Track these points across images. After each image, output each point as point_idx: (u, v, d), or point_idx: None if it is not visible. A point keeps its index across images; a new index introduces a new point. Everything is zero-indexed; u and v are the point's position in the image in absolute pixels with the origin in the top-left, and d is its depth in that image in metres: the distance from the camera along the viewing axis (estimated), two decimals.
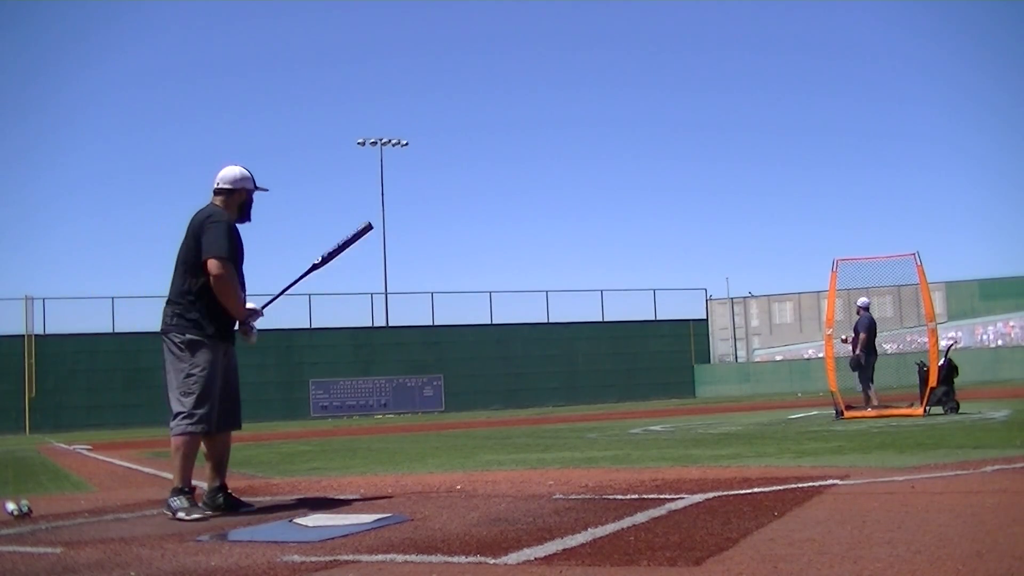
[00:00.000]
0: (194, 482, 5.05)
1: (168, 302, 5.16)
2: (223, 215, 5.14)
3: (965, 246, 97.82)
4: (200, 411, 4.95)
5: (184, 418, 4.95)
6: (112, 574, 3.40)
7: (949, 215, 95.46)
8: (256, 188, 5.37)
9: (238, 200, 5.26)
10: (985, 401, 15.98)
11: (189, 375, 4.99)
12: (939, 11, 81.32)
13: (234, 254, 5.09)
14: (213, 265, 4.97)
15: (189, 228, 5.12)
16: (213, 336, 5.07)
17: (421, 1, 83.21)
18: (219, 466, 5.22)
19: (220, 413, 5.12)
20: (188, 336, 5.04)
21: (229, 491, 5.25)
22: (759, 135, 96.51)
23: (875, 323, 14.48)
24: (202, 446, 5.13)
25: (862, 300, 14.60)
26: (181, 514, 4.84)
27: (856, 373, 14.06)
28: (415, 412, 37.82)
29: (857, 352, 13.98)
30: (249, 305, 5.21)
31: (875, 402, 13.57)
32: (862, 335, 14.03)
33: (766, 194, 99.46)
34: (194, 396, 4.96)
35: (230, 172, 5.29)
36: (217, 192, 5.27)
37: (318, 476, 7.49)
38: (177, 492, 4.95)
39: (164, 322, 5.14)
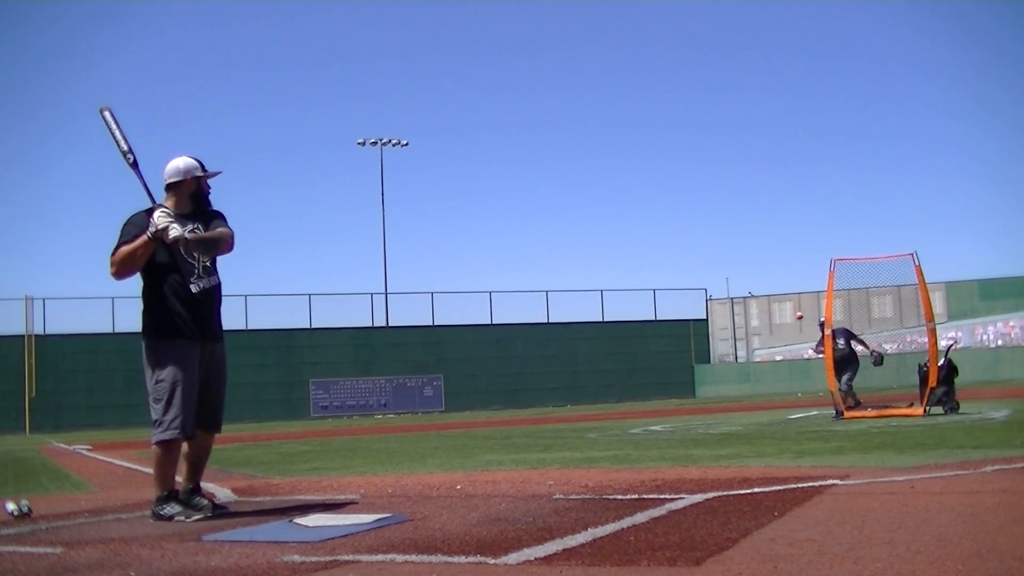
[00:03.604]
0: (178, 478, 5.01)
1: None
2: (129, 219, 5.00)
3: (965, 246, 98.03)
4: (169, 416, 4.81)
5: (157, 425, 4.85)
6: (112, 574, 3.40)
7: (949, 215, 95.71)
8: (206, 174, 5.16)
9: (187, 191, 5.07)
10: (985, 401, 15.97)
11: (159, 381, 4.87)
12: (939, 11, 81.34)
13: (124, 242, 4.90)
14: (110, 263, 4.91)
15: None
16: (178, 336, 4.91)
17: (421, 1, 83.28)
18: (195, 468, 5.12)
19: (200, 413, 4.99)
20: (152, 340, 4.95)
21: (202, 493, 5.13)
22: (759, 135, 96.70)
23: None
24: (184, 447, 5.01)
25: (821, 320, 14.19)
26: (179, 517, 4.78)
27: (847, 375, 13.77)
28: (415, 412, 37.81)
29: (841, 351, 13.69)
30: (155, 228, 4.76)
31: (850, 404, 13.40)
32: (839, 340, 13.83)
33: (766, 194, 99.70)
34: (163, 402, 4.83)
35: (173, 165, 5.10)
36: (166, 188, 5.09)
37: (318, 476, 7.49)
38: (164, 499, 4.86)
39: None
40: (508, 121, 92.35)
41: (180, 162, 5.11)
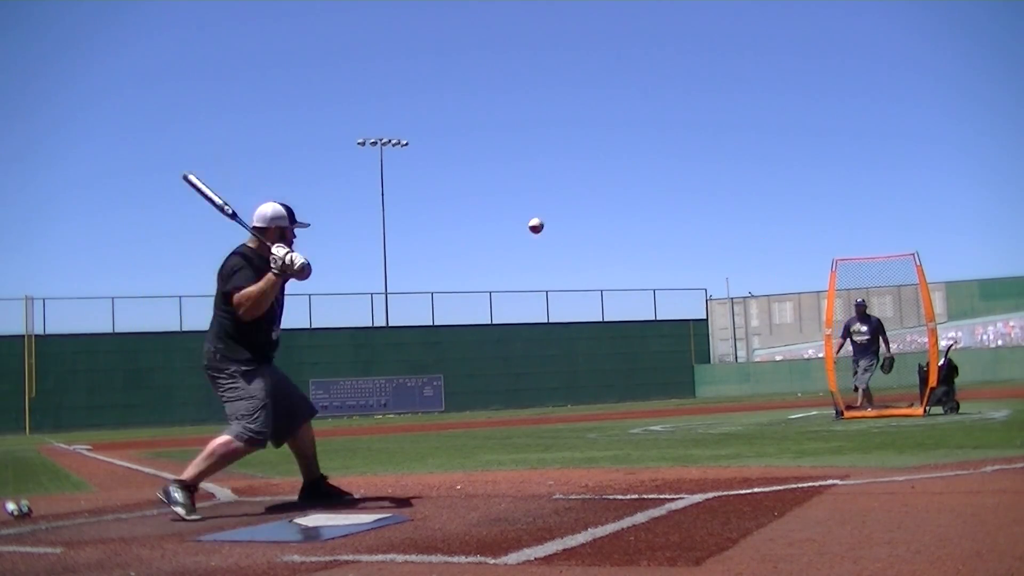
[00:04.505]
0: (207, 485, 5.08)
1: (209, 339, 5.25)
2: (231, 258, 5.21)
3: (965, 246, 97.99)
4: (259, 427, 5.06)
5: (248, 429, 5.05)
6: (112, 574, 3.40)
7: (949, 215, 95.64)
8: (295, 223, 5.33)
9: (271, 237, 5.21)
10: (985, 401, 15.97)
11: (252, 396, 5.11)
12: (939, 11, 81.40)
13: (244, 284, 5.09)
14: (234, 301, 5.08)
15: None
16: (262, 363, 5.25)
17: (420, 1, 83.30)
18: (310, 462, 5.51)
19: (287, 414, 5.34)
20: (240, 367, 5.16)
21: (328, 480, 5.54)
22: (759, 135, 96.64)
23: None
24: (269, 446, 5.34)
25: (861, 300, 14.19)
26: (179, 510, 4.83)
27: (863, 365, 13.70)
28: (415, 412, 37.80)
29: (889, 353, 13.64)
30: (281, 262, 5.01)
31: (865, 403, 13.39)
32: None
33: (766, 194, 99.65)
34: (254, 414, 5.08)
35: (262, 210, 5.29)
36: (254, 230, 5.28)
37: None
38: (182, 486, 4.94)
39: (208, 359, 5.23)
40: (508, 121, 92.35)
41: (268, 208, 5.31)
